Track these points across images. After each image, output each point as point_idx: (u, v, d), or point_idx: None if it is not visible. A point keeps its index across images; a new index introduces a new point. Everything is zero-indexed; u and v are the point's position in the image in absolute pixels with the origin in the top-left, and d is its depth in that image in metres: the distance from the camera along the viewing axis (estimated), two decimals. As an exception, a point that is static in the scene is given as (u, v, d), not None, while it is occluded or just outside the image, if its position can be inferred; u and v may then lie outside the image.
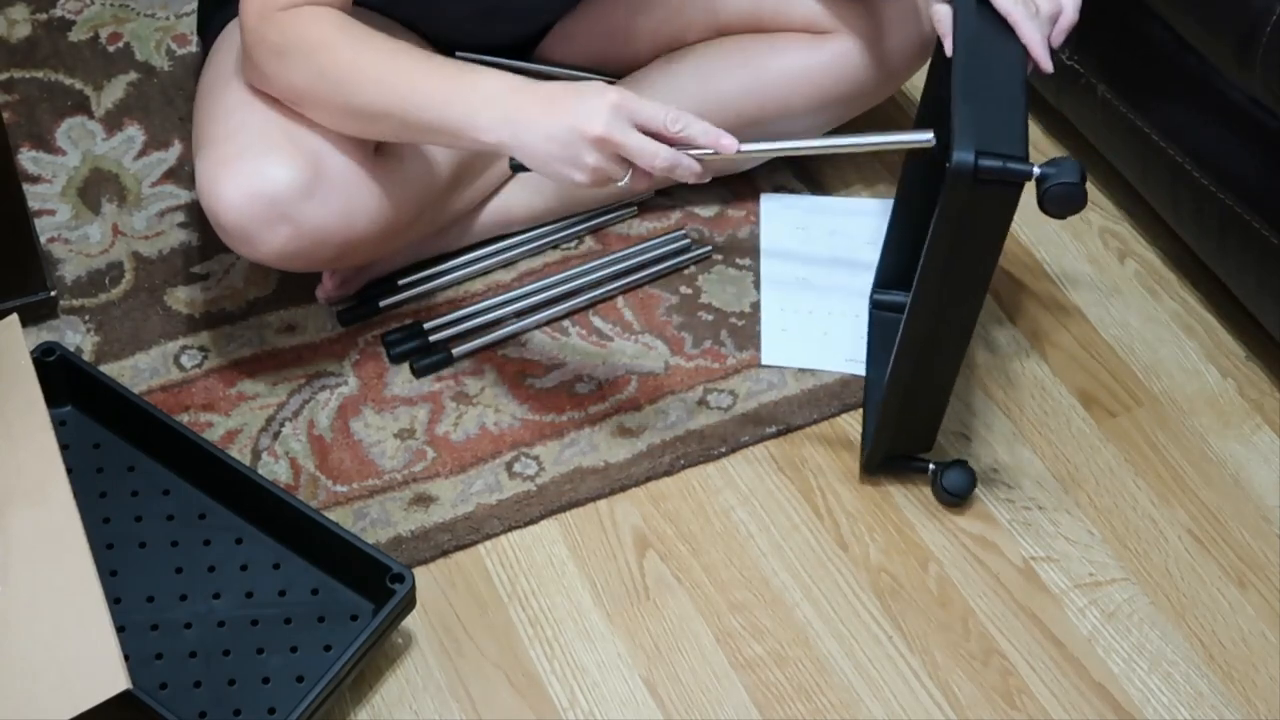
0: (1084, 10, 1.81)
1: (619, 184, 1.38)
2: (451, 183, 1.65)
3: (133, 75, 1.93)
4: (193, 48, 1.95)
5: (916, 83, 1.88)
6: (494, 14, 1.67)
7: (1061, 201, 1.35)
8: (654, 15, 1.75)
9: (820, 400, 1.68)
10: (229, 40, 1.61)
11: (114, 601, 1.43)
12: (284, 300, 1.73)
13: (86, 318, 1.70)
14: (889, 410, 1.52)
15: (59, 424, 1.55)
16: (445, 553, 1.55)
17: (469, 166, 1.67)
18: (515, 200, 1.75)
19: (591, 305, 1.75)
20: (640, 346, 1.72)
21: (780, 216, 1.84)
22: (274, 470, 1.59)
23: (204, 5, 1.72)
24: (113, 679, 1.28)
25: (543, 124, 1.36)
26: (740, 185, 1.87)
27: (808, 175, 1.90)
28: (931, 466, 1.60)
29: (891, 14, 1.70)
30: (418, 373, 1.67)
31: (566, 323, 1.73)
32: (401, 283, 1.74)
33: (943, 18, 1.46)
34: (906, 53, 1.73)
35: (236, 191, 1.47)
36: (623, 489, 1.60)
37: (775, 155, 1.72)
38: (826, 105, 1.74)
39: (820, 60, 1.71)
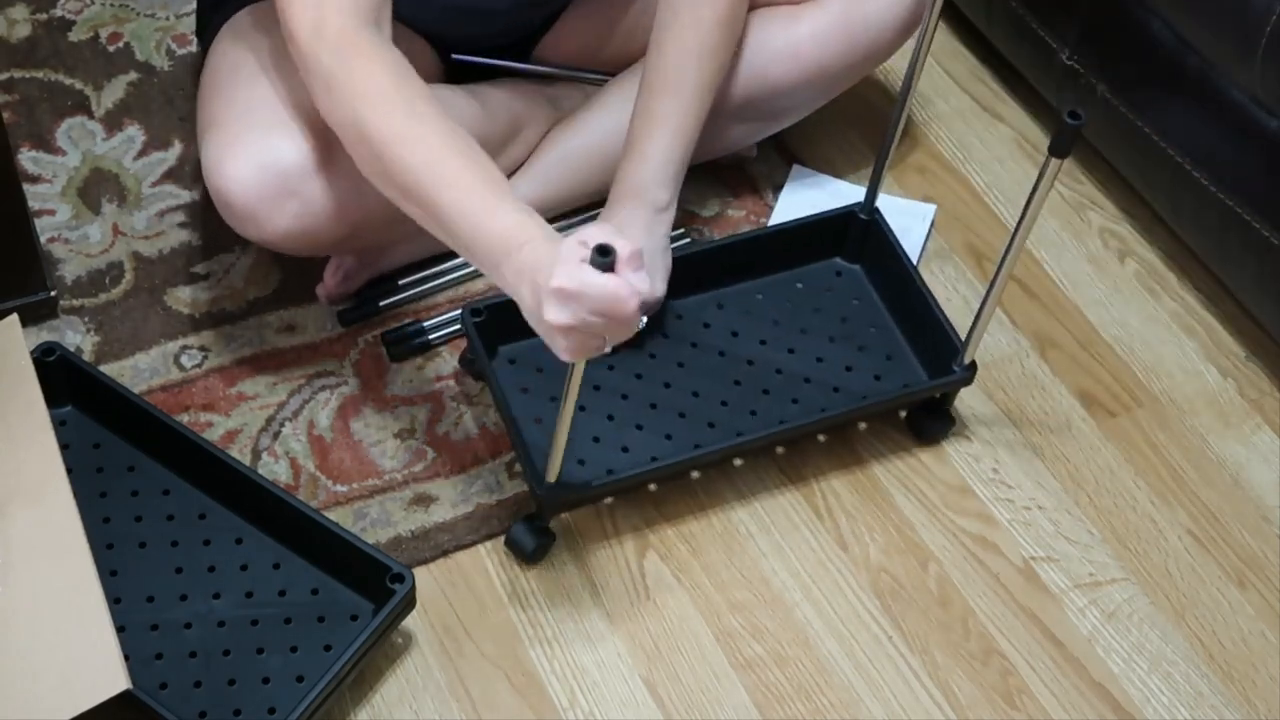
0: (1085, 9, 1.82)
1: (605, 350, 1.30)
2: None
3: (133, 75, 1.93)
4: (192, 48, 1.95)
5: (901, 66, 1.89)
6: (469, 14, 1.67)
7: None
8: (645, 10, 1.75)
9: (820, 400, 1.68)
10: (233, 31, 1.61)
11: (114, 601, 1.43)
12: (284, 300, 1.73)
13: (86, 318, 1.70)
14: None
15: (59, 424, 1.55)
16: (445, 553, 1.55)
17: None
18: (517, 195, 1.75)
19: (591, 305, 1.75)
20: (640, 346, 1.72)
21: (803, 191, 1.86)
22: (274, 470, 1.59)
23: (202, 8, 1.72)
24: (113, 679, 1.28)
25: (528, 303, 1.29)
26: (740, 185, 1.87)
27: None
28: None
29: None
30: (392, 357, 1.68)
31: (566, 323, 1.73)
32: (401, 283, 1.74)
33: None
34: (889, 21, 1.72)
35: (244, 168, 1.47)
36: (623, 489, 1.59)
37: None
38: (812, 77, 1.73)
39: (801, 32, 1.71)
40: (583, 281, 1.22)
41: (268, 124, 1.48)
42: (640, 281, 1.24)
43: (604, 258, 1.22)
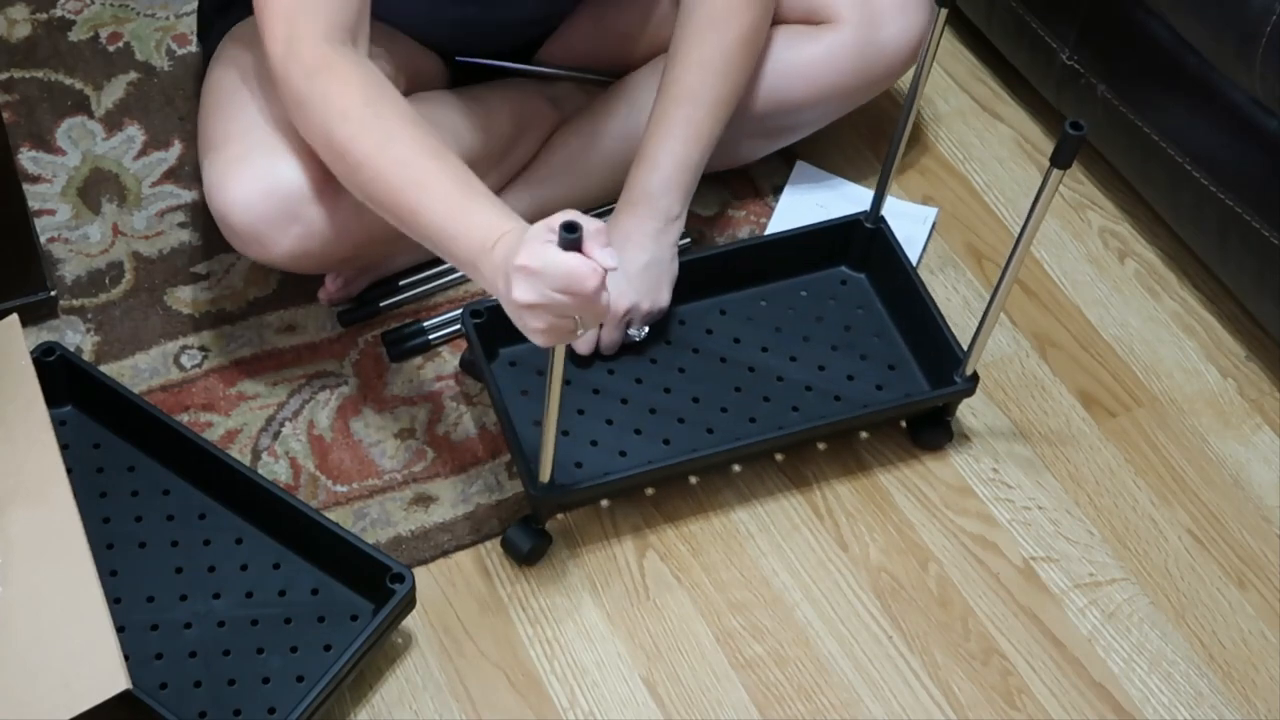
0: (1085, 9, 1.82)
1: (579, 334, 1.31)
2: None
3: (133, 75, 1.93)
4: (193, 48, 1.95)
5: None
6: (478, 29, 1.67)
7: None
8: (651, 17, 1.75)
9: (820, 400, 1.68)
10: (234, 43, 1.60)
11: (114, 601, 1.43)
12: (284, 300, 1.73)
13: (86, 318, 1.70)
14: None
15: (59, 424, 1.55)
16: (445, 553, 1.55)
17: (477, 163, 1.67)
18: (516, 201, 1.75)
19: (591, 305, 1.75)
20: (640, 346, 1.72)
21: (804, 190, 1.86)
22: (274, 470, 1.59)
23: (204, 11, 1.72)
24: (113, 679, 1.29)
25: (502, 291, 1.31)
26: (741, 185, 1.87)
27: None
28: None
29: (888, 3, 1.71)
30: (392, 357, 1.68)
31: (566, 323, 1.73)
32: (402, 283, 1.74)
33: None
34: (902, 45, 1.73)
35: (247, 192, 1.47)
36: (616, 491, 1.59)
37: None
38: (823, 97, 1.74)
39: (815, 52, 1.72)
40: (545, 259, 1.24)
41: (270, 146, 1.48)
42: (606, 258, 1.25)
43: (570, 234, 1.23)
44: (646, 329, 1.62)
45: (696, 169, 1.61)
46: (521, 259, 1.25)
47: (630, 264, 1.57)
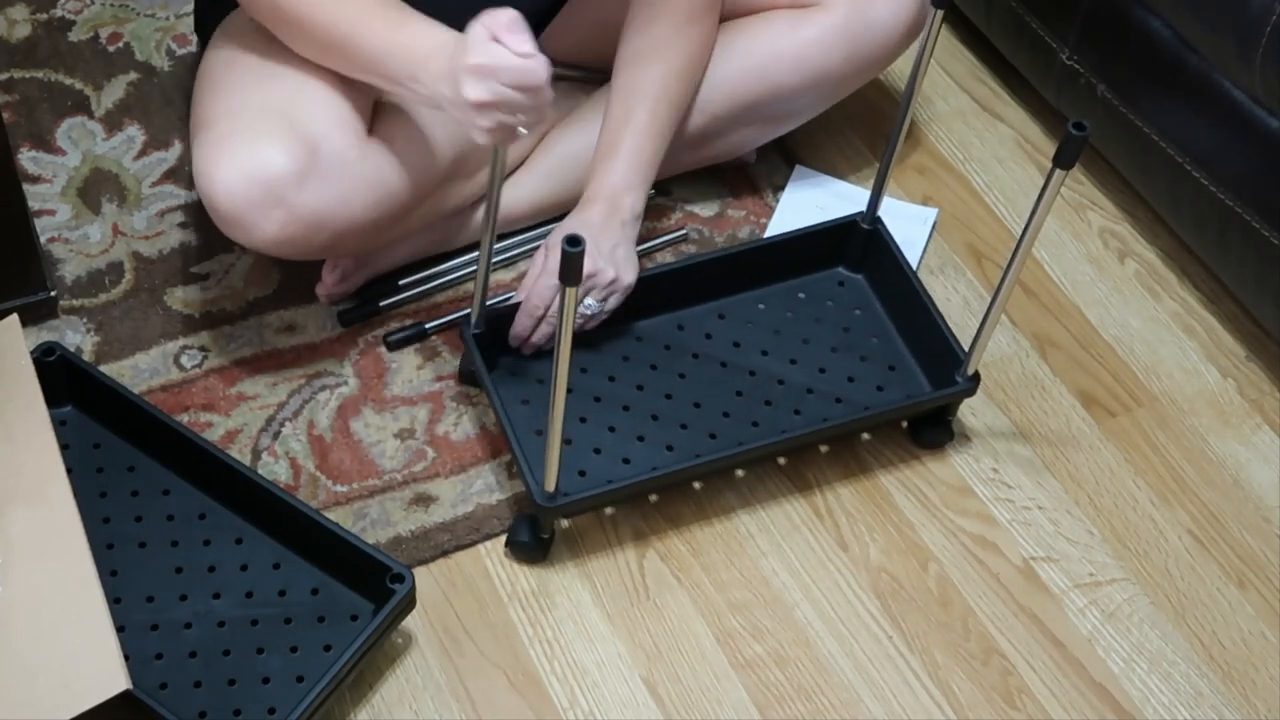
0: (1085, 9, 1.82)
1: (521, 128, 1.40)
2: (449, 171, 1.65)
3: (133, 75, 1.93)
4: (193, 48, 1.95)
5: (902, 68, 1.90)
6: (450, 15, 1.67)
7: None
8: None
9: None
10: (227, 31, 1.61)
11: (114, 601, 1.43)
12: (284, 300, 1.73)
13: (86, 318, 1.70)
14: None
15: (59, 424, 1.55)
16: (445, 553, 1.55)
17: (466, 157, 1.67)
18: (515, 197, 1.75)
19: (591, 305, 1.75)
20: (640, 346, 1.72)
21: (804, 192, 1.86)
22: (274, 470, 1.59)
23: (199, 5, 1.73)
24: (113, 679, 1.28)
25: (449, 95, 1.41)
26: (740, 185, 1.87)
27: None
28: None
29: None
30: (390, 346, 1.69)
31: (566, 323, 1.73)
32: (402, 283, 1.74)
33: None
34: (893, 27, 1.73)
35: (231, 175, 1.48)
36: (622, 499, 1.59)
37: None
38: (815, 82, 1.75)
39: (805, 36, 1.72)
40: (497, 57, 1.35)
41: (255, 130, 1.49)
42: (526, 43, 1.35)
43: (573, 248, 1.25)
44: (600, 304, 1.60)
45: (655, 167, 1.65)
46: (474, 59, 1.36)
47: (601, 246, 1.58)
